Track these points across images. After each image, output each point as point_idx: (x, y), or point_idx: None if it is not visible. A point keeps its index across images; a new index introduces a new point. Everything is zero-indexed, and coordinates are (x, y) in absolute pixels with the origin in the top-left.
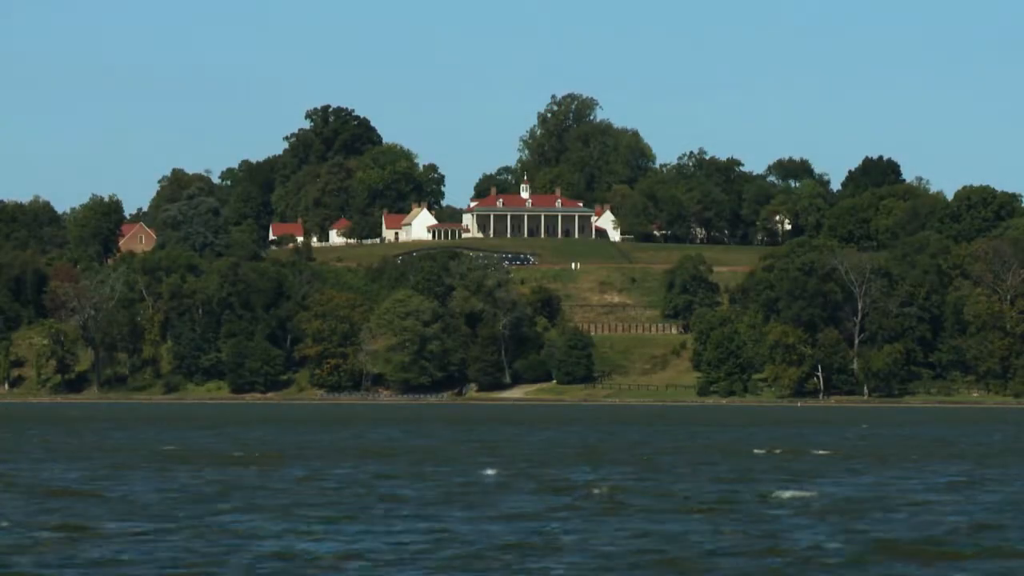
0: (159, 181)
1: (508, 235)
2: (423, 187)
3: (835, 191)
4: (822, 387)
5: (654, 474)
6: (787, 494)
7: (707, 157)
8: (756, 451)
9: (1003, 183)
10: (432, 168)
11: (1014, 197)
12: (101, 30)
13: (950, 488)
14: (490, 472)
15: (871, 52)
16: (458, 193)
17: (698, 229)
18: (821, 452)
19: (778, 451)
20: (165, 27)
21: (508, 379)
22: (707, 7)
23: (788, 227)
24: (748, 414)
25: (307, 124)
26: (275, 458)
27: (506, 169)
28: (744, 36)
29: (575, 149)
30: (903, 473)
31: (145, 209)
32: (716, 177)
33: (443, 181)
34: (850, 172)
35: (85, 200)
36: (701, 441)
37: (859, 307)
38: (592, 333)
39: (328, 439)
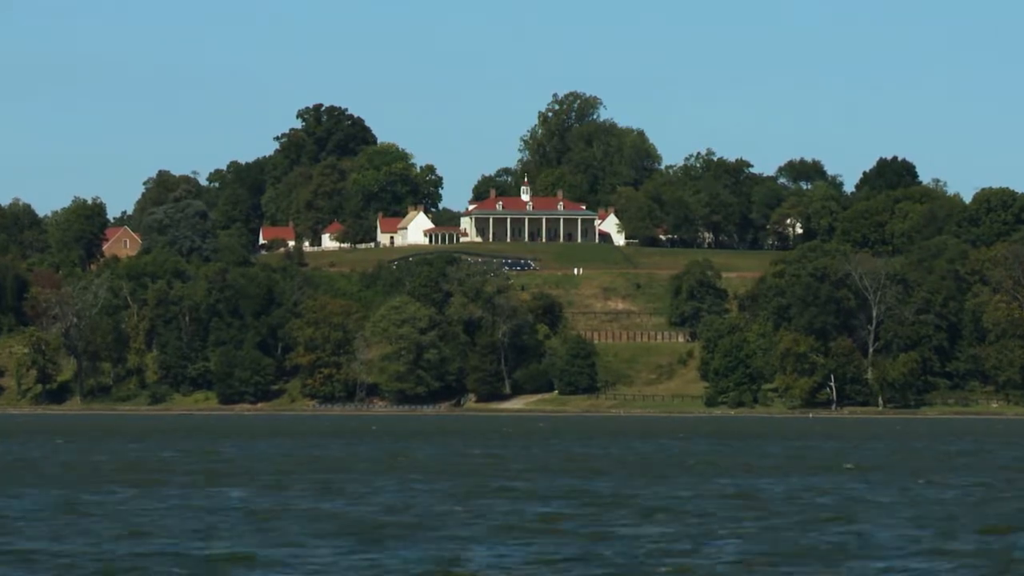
0: (144, 183)
1: (508, 239)
2: (419, 189)
3: (848, 193)
4: (835, 398)
5: None
6: None
7: (715, 158)
8: None
9: None
10: (429, 169)
11: None
12: (84, 27)
13: None
14: None
15: (885, 49)
16: (456, 195)
17: (706, 233)
18: None
19: None
20: (151, 24)
21: (508, 389)
22: (714, 2)
23: (799, 231)
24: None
25: (299, 124)
26: None
27: (506, 170)
28: (753, 32)
29: (578, 150)
30: None
31: (130, 212)
32: (725, 179)
33: (440, 183)
34: (864, 174)
35: (67, 203)
36: None
37: (873, 314)
38: (595, 341)
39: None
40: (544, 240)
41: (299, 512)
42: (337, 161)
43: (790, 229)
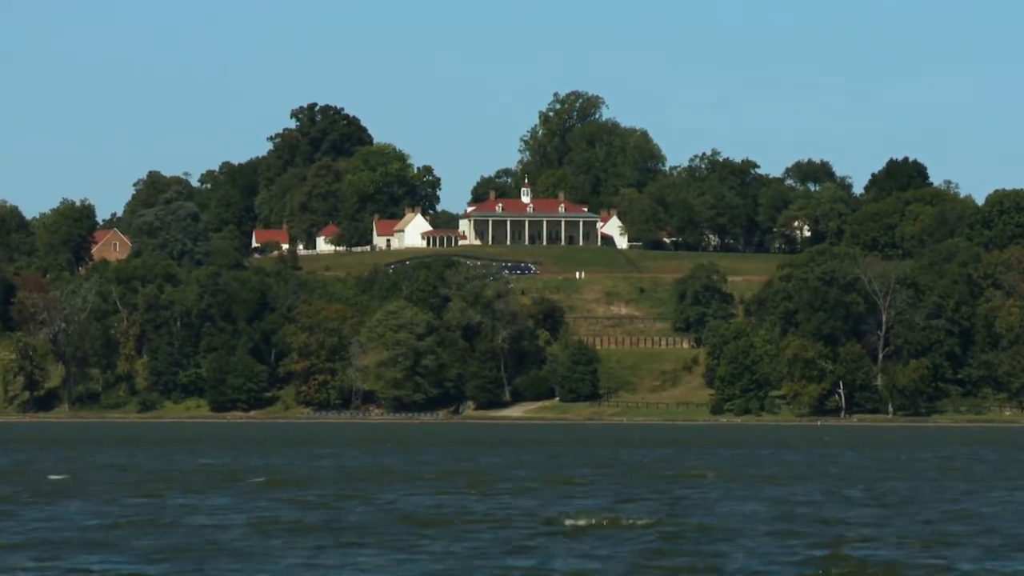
0: (134, 184)
1: (508, 242)
2: (417, 191)
3: (858, 195)
4: (844, 405)
5: None
6: None
7: (721, 159)
8: None
9: None
10: (427, 170)
11: None
12: (72, 25)
13: None
14: None
15: (895, 47)
16: (454, 197)
17: (711, 236)
18: None
19: None
20: (141, 21)
21: (508, 396)
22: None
23: (807, 234)
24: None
25: (293, 123)
26: None
27: (506, 171)
28: (759, 30)
29: (579, 150)
30: None
31: (119, 214)
32: (730, 180)
33: (438, 184)
34: (873, 175)
35: (55, 205)
36: None
37: (883, 319)
38: (597, 347)
39: None
40: (545, 243)
41: None
42: (332, 162)
43: (797, 232)
